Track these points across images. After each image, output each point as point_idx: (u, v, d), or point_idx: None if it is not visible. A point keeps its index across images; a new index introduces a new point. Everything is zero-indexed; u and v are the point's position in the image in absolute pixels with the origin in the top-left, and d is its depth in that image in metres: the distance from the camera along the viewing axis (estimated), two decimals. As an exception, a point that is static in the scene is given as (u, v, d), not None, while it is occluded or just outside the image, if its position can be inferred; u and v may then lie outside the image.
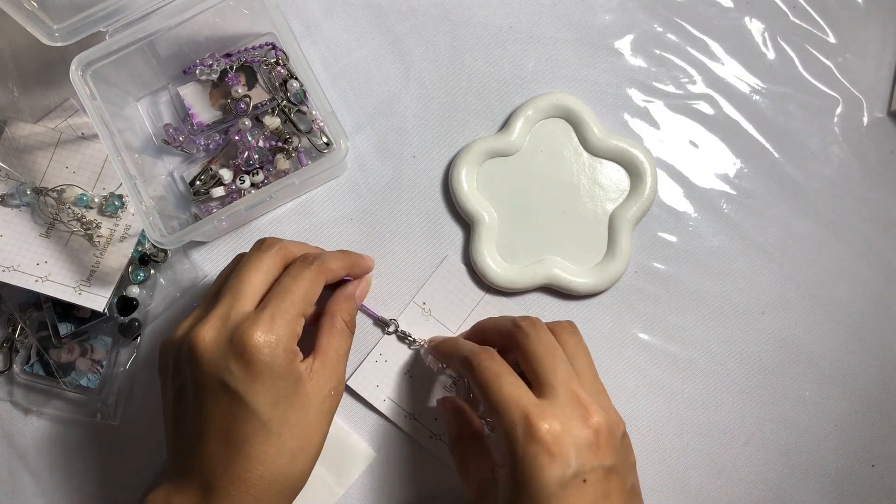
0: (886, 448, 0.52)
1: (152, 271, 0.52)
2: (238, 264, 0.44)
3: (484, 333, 0.49)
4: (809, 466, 0.52)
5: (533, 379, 0.42)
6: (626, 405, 0.52)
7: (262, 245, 0.44)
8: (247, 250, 0.53)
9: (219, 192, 0.51)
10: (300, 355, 0.42)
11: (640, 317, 0.53)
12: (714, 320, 0.53)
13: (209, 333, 0.40)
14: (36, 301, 0.51)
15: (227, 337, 0.40)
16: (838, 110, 0.55)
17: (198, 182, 0.51)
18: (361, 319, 0.52)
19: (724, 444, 0.52)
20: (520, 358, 0.43)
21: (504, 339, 0.45)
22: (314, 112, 0.52)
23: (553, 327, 0.45)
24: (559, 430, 0.38)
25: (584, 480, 0.38)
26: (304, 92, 0.51)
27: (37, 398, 0.52)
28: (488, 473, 0.44)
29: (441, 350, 0.48)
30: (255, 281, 0.42)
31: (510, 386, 0.40)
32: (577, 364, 0.43)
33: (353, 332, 0.47)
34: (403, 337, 0.52)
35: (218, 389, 0.39)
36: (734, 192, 0.54)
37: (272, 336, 0.39)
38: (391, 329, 0.52)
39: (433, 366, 0.51)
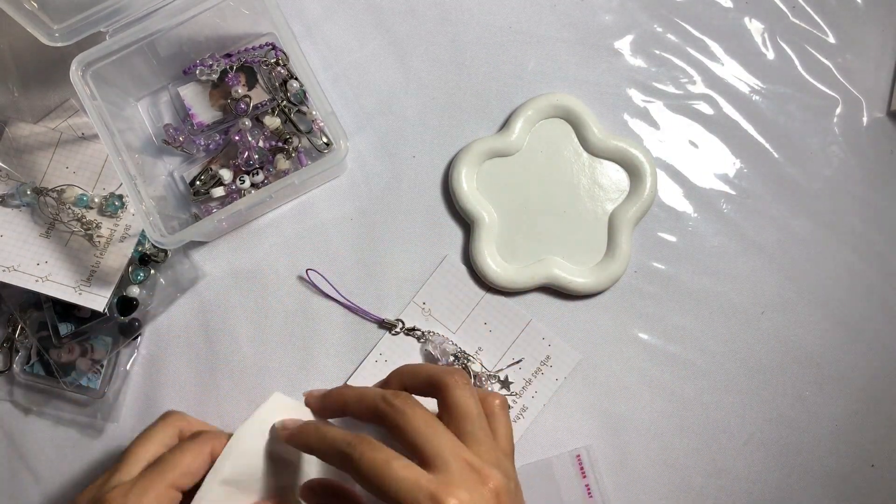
0: (886, 448, 0.52)
1: (152, 271, 0.52)
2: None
3: (344, 407, 0.42)
4: (809, 466, 0.52)
5: (418, 455, 0.38)
6: (627, 405, 0.52)
7: (162, 416, 0.44)
8: (249, 245, 0.53)
9: (219, 192, 0.51)
10: None
11: (640, 317, 0.53)
12: (714, 320, 0.53)
13: (81, 501, 0.40)
14: (36, 301, 0.51)
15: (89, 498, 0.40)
16: (838, 110, 0.55)
17: (198, 182, 0.51)
18: (362, 321, 0.52)
19: (724, 444, 0.52)
20: (397, 436, 0.39)
21: (371, 415, 0.40)
22: (314, 112, 0.52)
23: (440, 386, 0.41)
24: (468, 500, 0.35)
25: None
26: (304, 92, 0.51)
27: (37, 398, 0.52)
28: None
29: (302, 440, 0.40)
30: (143, 451, 0.41)
31: (404, 469, 0.36)
32: (465, 426, 0.40)
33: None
34: (410, 332, 0.52)
35: None
36: (734, 192, 0.54)
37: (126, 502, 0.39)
38: (397, 329, 0.52)
39: (441, 357, 0.51)
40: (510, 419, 0.43)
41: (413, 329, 0.52)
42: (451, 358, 0.51)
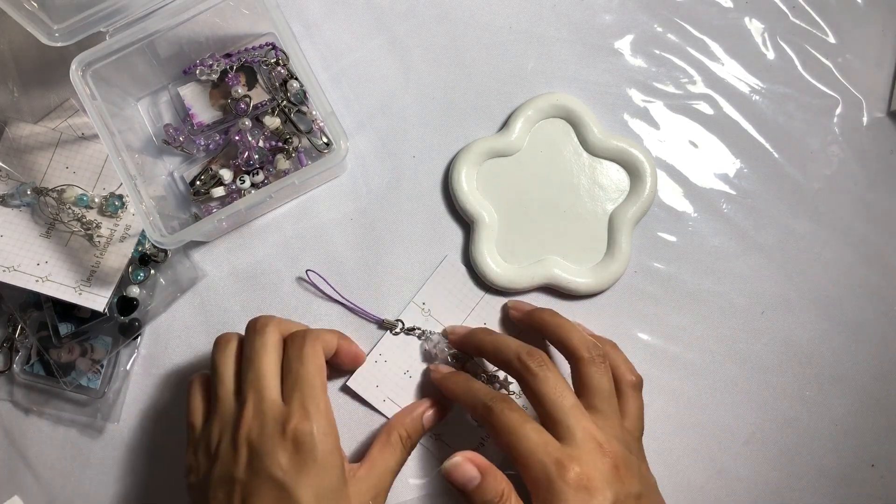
0: (886, 448, 0.52)
1: (152, 271, 0.52)
2: (247, 354, 0.44)
3: (482, 351, 0.48)
4: (809, 466, 0.52)
5: (545, 419, 0.42)
6: (626, 405, 0.52)
7: (257, 327, 0.45)
8: (249, 245, 0.53)
9: (219, 192, 0.51)
10: (343, 453, 0.43)
11: (640, 317, 0.53)
12: (714, 320, 0.53)
13: (253, 428, 0.41)
14: (36, 301, 0.51)
15: (270, 430, 0.41)
16: (838, 110, 0.55)
17: (198, 182, 0.51)
18: (362, 321, 0.52)
19: (724, 444, 0.52)
20: (528, 396, 0.44)
21: (506, 368, 0.46)
22: (314, 112, 0.52)
23: (576, 357, 0.45)
24: (589, 470, 0.39)
25: None
26: (304, 92, 0.51)
27: (37, 398, 0.52)
28: None
29: (450, 387, 0.47)
30: (271, 367, 0.43)
31: (534, 433, 0.41)
32: (594, 400, 0.43)
33: (409, 450, 0.47)
34: (410, 332, 0.52)
35: (265, 483, 0.40)
36: (734, 192, 0.54)
37: (312, 424, 0.41)
38: (397, 329, 0.52)
39: (439, 354, 0.51)
40: (642, 400, 0.47)
41: (413, 329, 0.52)
42: (451, 360, 0.51)
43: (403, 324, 0.52)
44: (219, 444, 0.42)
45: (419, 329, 0.52)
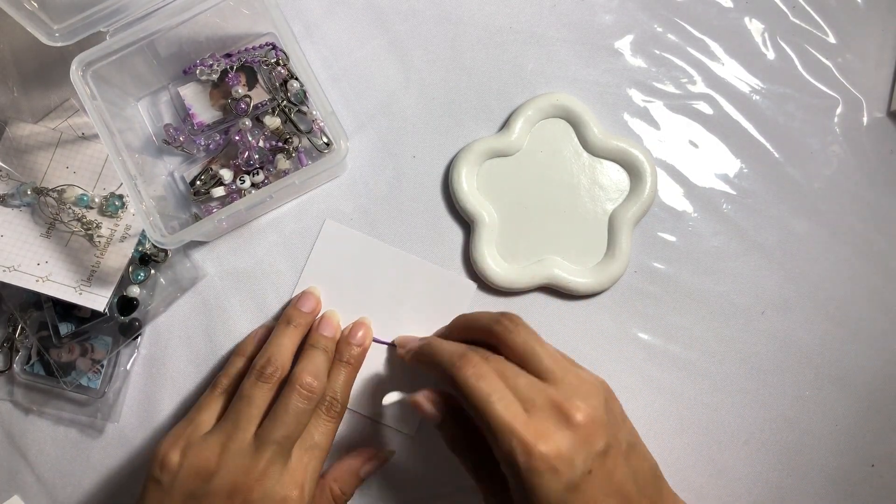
0: (886, 448, 0.52)
1: (153, 271, 0.52)
2: (284, 410, 0.44)
3: (466, 331, 0.46)
4: (809, 466, 0.52)
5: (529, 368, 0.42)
6: (627, 405, 0.52)
7: (306, 392, 0.44)
8: (249, 245, 0.53)
9: (219, 192, 0.51)
10: None
11: (640, 317, 0.53)
12: (714, 320, 0.53)
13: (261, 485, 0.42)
14: (36, 301, 0.51)
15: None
16: (838, 110, 0.55)
17: (198, 182, 0.51)
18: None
19: (724, 444, 0.52)
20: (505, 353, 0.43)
21: (485, 335, 0.44)
22: (314, 112, 0.52)
23: (494, 336, 0.43)
24: (554, 445, 0.38)
25: (590, 472, 0.39)
26: (305, 92, 0.51)
27: (37, 398, 0.52)
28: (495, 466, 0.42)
29: (421, 358, 0.45)
30: (296, 432, 0.44)
31: (503, 409, 0.39)
32: (536, 353, 0.42)
33: None
34: None
35: None
36: (734, 192, 0.54)
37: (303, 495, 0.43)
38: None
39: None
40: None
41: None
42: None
43: None
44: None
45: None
